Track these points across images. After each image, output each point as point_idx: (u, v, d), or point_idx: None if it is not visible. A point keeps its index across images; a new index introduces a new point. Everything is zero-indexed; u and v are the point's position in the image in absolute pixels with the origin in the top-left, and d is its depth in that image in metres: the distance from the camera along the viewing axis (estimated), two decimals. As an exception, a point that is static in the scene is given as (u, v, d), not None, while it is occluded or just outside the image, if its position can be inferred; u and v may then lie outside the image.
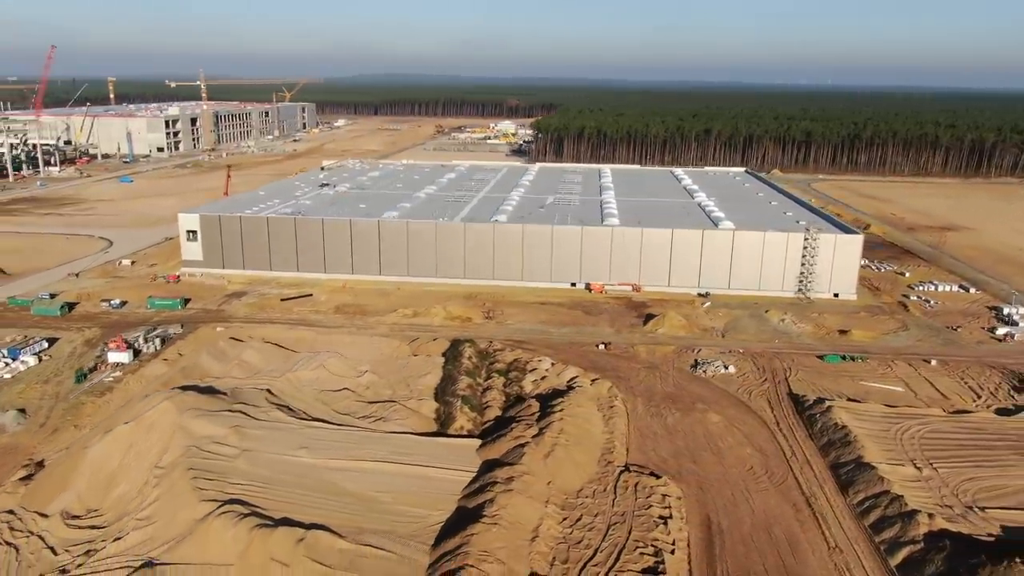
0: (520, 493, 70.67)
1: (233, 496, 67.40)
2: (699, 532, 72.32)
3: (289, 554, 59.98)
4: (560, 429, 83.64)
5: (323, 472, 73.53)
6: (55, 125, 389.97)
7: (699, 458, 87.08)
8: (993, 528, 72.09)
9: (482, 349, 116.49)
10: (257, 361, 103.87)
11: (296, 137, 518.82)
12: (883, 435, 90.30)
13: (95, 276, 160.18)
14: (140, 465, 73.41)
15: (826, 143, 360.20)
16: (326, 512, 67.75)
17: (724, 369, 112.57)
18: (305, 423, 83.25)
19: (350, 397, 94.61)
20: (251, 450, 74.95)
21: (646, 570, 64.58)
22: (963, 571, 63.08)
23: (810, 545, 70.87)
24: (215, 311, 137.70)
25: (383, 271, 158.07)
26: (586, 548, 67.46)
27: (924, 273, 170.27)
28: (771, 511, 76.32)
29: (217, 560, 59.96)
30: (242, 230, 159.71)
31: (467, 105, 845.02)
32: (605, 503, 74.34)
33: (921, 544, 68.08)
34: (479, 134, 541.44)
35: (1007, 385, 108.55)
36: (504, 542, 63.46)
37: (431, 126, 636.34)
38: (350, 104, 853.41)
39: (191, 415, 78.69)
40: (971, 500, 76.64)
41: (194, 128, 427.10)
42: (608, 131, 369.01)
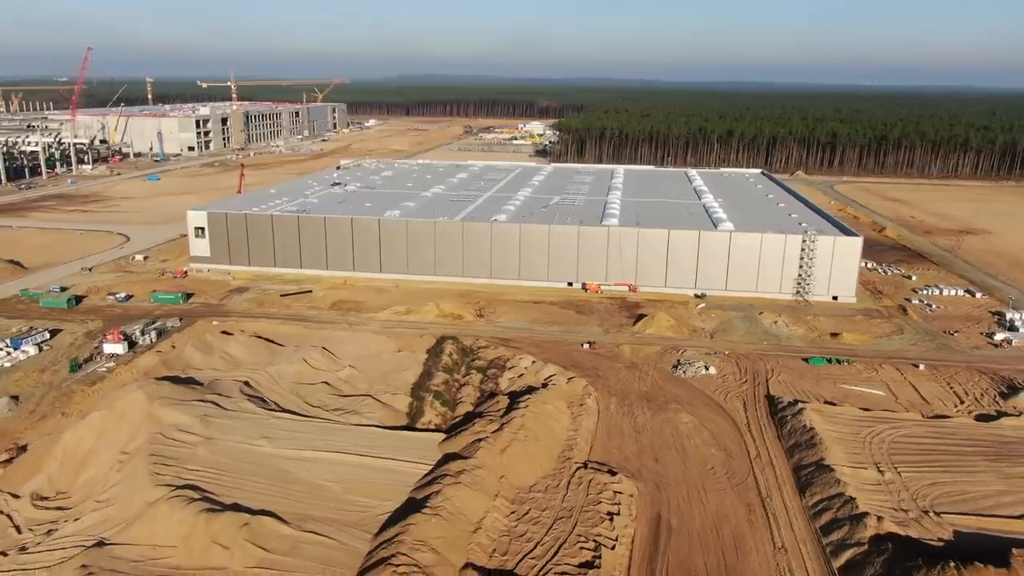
0: (468, 486, 72.02)
1: (188, 482, 69.97)
2: (646, 529, 72.87)
3: (231, 538, 62.20)
4: (520, 425, 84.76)
5: (280, 461, 75.79)
6: (91, 125, 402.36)
7: (662, 457, 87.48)
8: (946, 533, 71.40)
9: (465, 346, 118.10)
10: (241, 354, 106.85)
11: (325, 137, 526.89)
12: (853, 438, 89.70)
13: (107, 271, 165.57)
14: (109, 450, 76.51)
15: (852, 145, 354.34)
16: (276, 499, 69.93)
17: (705, 370, 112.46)
18: (271, 414, 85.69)
19: (325, 390, 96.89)
20: (213, 438, 77.55)
21: (583, 564, 65.41)
22: (899, 574, 62.76)
23: (756, 545, 70.98)
24: (216, 306, 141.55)
25: (383, 269, 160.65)
26: (528, 541, 68.56)
27: (931, 277, 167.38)
28: (723, 511, 76.50)
29: (163, 542, 62.50)
30: (247, 227, 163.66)
31: (499, 105, 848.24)
32: (556, 498, 75.34)
33: (865, 547, 67.80)
34: (506, 135, 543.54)
35: (994, 391, 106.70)
36: (442, 532, 64.89)
37: (460, 126, 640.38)
38: (383, 104, 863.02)
39: (160, 404, 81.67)
40: (929, 504, 75.91)
41: (224, 128, 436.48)
42: (630, 132, 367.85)
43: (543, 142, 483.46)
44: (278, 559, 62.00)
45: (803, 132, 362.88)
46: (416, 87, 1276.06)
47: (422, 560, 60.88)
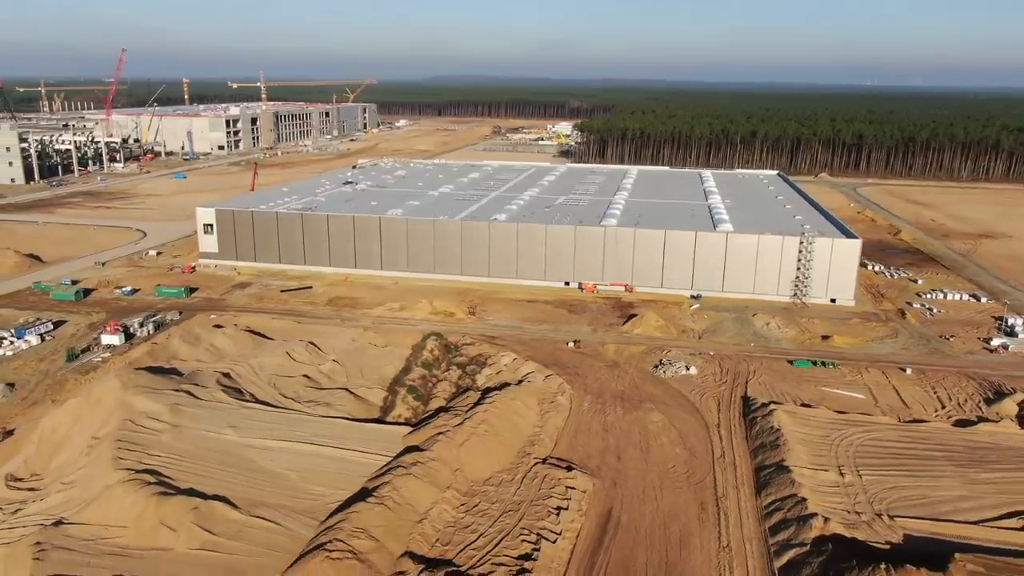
0: (418, 477, 73.57)
1: (149, 467, 72.72)
2: (594, 524, 73.60)
3: (178, 520, 64.67)
4: (482, 420, 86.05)
5: (242, 449, 78.21)
6: (125, 124, 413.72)
7: (625, 455, 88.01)
8: (896, 536, 70.89)
9: (449, 343, 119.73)
10: (227, 346, 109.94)
11: (354, 137, 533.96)
12: (821, 440, 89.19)
13: (120, 265, 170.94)
14: (82, 435, 79.74)
15: (879, 147, 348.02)
16: (232, 485, 72.29)
17: (685, 370, 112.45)
18: (242, 404, 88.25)
19: (302, 383, 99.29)
20: (180, 426, 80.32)
21: (522, 556, 66.46)
22: (832, 574, 62.65)
23: (701, 543, 71.27)
24: (217, 300, 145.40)
25: (384, 266, 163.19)
26: (472, 532, 69.83)
27: (939, 281, 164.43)
28: (675, 509, 76.86)
29: (115, 522, 65.23)
30: (253, 224, 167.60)
31: (530, 106, 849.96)
32: (508, 492, 76.49)
33: (807, 547, 67.71)
34: (533, 135, 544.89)
35: (980, 396, 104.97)
36: (383, 521, 66.51)
37: (489, 127, 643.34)
38: (415, 105, 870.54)
39: (133, 392, 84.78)
40: (885, 508, 75.33)
41: (254, 128, 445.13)
42: (652, 132, 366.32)
43: (569, 143, 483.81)
44: (223, 542, 64.28)
45: (828, 133, 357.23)
46: (451, 88, 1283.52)
47: (358, 546, 62.56)
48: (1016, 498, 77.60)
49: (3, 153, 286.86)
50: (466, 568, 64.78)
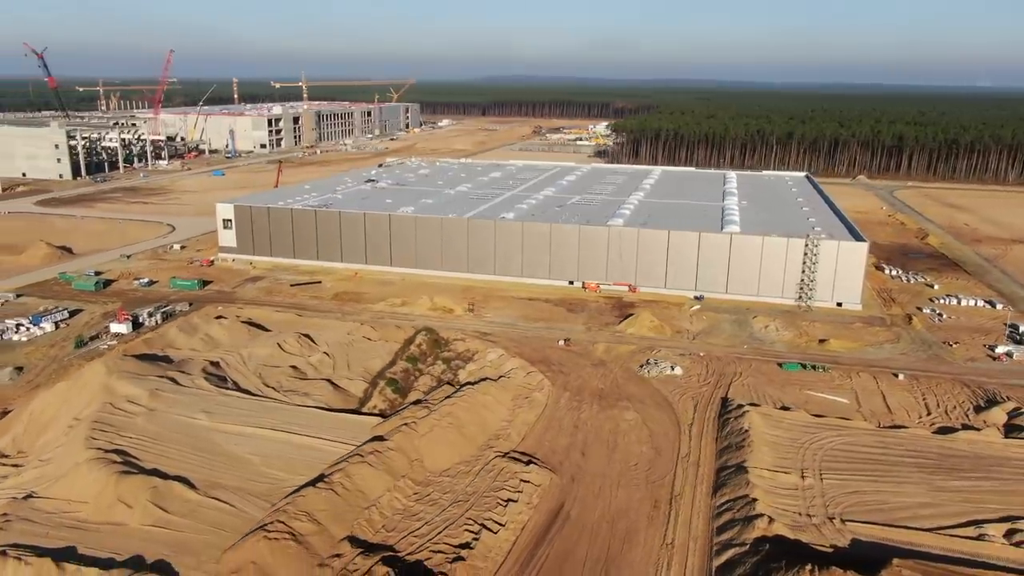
0: (372, 466, 75.75)
1: (119, 447, 76.54)
2: (542, 517, 74.71)
3: (135, 497, 68.11)
4: (448, 412, 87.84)
5: (211, 434, 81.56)
6: (173, 123, 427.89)
7: (590, 452, 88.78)
8: (843, 540, 70.31)
9: (440, 338, 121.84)
10: (221, 336, 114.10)
11: (394, 136, 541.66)
12: (791, 443, 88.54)
13: (144, 258, 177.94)
14: (66, 416, 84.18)
15: (920, 148, 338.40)
16: (194, 467, 75.58)
17: (671, 370, 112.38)
18: (220, 391, 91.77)
19: (288, 373, 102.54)
20: (156, 410, 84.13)
21: (461, 544, 68.01)
22: (761, 574, 62.64)
23: (645, 540, 71.79)
24: (228, 293, 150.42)
25: (393, 263, 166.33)
26: (418, 521, 71.68)
27: (956, 286, 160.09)
28: (628, 506, 77.44)
29: (77, 498, 69.05)
30: (269, 220, 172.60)
31: (574, 106, 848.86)
32: (462, 483, 78.12)
33: (747, 547, 67.70)
34: (573, 135, 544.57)
35: (971, 404, 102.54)
36: (328, 505, 68.85)
37: (530, 127, 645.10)
38: (460, 104, 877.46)
39: (117, 377, 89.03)
40: (839, 511, 74.64)
41: (296, 127, 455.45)
42: (685, 133, 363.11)
43: (606, 143, 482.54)
44: (175, 520, 67.48)
45: (867, 135, 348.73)
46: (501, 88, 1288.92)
47: (299, 528, 65.00)
48: (979, 507, 76.05)
49: (52, 150, 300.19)
50: (404, 554, 66.66)
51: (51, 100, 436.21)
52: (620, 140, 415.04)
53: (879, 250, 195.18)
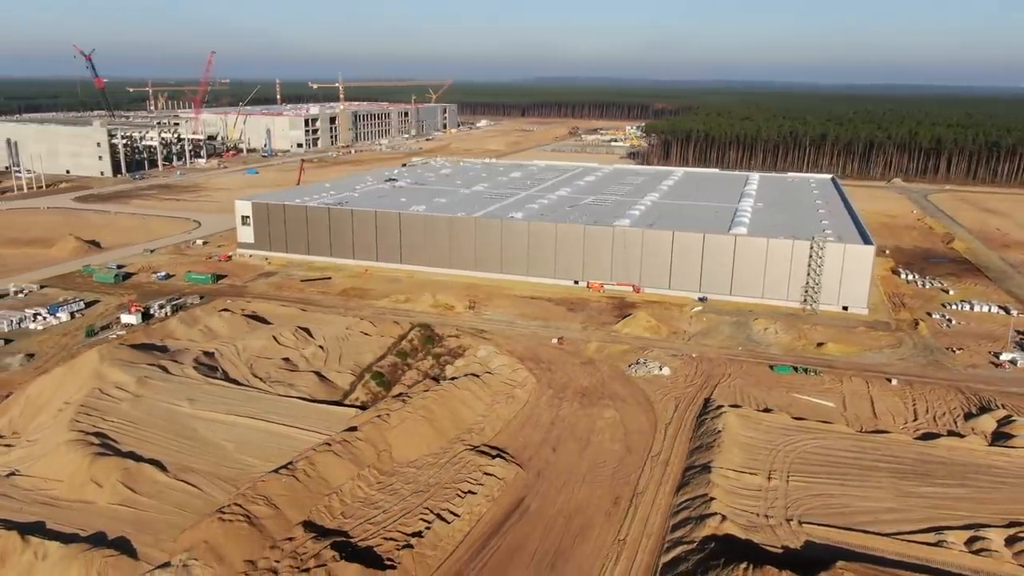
0: (337, 454, 77.97)
1: (100, 430, 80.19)
2: (500, 510, 75.91)
3: (106, 478, 71.45)
4: (422, 406, 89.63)
5: (191, 420, 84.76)
6: (213, 122, 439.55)
7: (562, 448, 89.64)
8: (796, 541, 70.05)
9: (434, 334, 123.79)
10: (220, 328, 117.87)
11: (430, 137, 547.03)
12: (764, 445, 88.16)
13: (166, 253, 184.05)
14: (59, 400, 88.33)
15: (960, 151, 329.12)
16: (169, 451, 78.79)
17: (659, 370, 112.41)
18: (207, 380, 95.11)
19: (278, 365, 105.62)
20: (142, 396, 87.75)
21: (414, 533, 69.68)
22: (700, 571, 62.91)
23: (599, 535, 72.42)
24: (240, 287, 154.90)
25: (403, 260, 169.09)
26: (376, 509, 73.60)
27: (973, 292, 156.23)
28: (588, 502, 78.14)
29: (53, 476, 72.71)
30: (285, 217, 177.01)
31: (614, 107, 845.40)
32: (426, 474, 79.83)
33: (694, 545, 67.97)
34: (608, 136, 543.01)
35: (962, 411, 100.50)
36: (287, 491, 71.20)
37: (566, 128, 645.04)
38: (500, 105, 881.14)
39: (109, 364, 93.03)
40: (799, 514, 74.28)
41: (332, 127, 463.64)
42: (717, 134, 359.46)
43: (640, 144, 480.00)
44: (142, 500, 70.61)
45: (904, 137, 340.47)
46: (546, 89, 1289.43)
47: (255, 511, 67.46)
48: (946, 513, 74.93)
49: (94, 148, 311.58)
50: (357, 540, 68.62)
51: (99, 100, 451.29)
52: (653, 141, 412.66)
53: (901, 254, 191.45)
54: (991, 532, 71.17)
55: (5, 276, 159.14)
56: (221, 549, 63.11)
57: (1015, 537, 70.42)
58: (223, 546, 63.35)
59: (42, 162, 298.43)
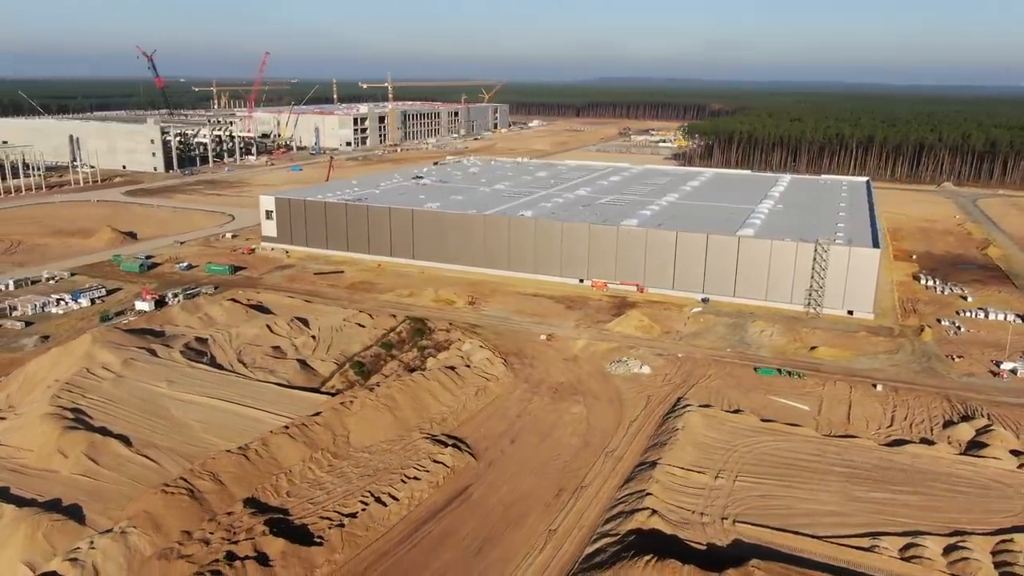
0: (292, 437, 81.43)
1: (77, 406, 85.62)
2: (442, 496, 78.02)
3: (71, 449, 76.48)
4: (386, 394, 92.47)
5: (165, 400, 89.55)
6: (267, 121, 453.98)
7: (520, 440, 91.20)
8: (724, 539, 70.20)
9: (425, 327, 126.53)
10: (219, 316, 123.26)
11: (478, 136, 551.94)
12: (722, 444, 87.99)
13: (195, 245, 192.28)
14: (52, 378, 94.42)
15: (1016, 154, 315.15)
16: (138, 428, 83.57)
17: (639, 369, 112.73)
18: (190, 364, 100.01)
19: (266, 352, 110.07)
20: (124, 377, 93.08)
21: (349, 514, 72.44)
22: (610, 562, 63.78)
23: (532, 525, 73.81)
24: (255, 279, 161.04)
25: (416, 256, 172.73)
26: (321, 490, 76.68)
27: (992, 299, 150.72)
28: (532, 492, 79.55)
29: (25, 446, 78.20)
30: (305, 212, 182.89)
31: (669, 108, 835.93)
32: (378, 460, 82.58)
33: (616, 538, 68.81)
34: (657, 137, 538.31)
35: (943, 419, 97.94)
36: (236, 469, 74.90)
37: (617, 128, 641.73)
38: (554, 105, 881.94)
39: (100, 345, 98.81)
40: (735, 513, 74.22)
41: (381, 126, 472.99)
42: (759, 136, 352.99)
43: (687, 145, 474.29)
44: (102, 471, 75.36)
45: (956, 139, 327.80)
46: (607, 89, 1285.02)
47: (199, 486, 71.34)
48: (889, 520, 73.79)
49: (148, 145, 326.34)
50: (295, 518, 71.79)
51: (160, 99, 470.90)
52: (701, 143, 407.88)
53: (929, 260, 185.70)
54: (930, 540, 69.88)
55: (44, 263, 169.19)
56: (160, 519, 67.06)
57: (954, 546, 69.03)
58: (162, 516, 67.31)
59: (101, 158, 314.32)
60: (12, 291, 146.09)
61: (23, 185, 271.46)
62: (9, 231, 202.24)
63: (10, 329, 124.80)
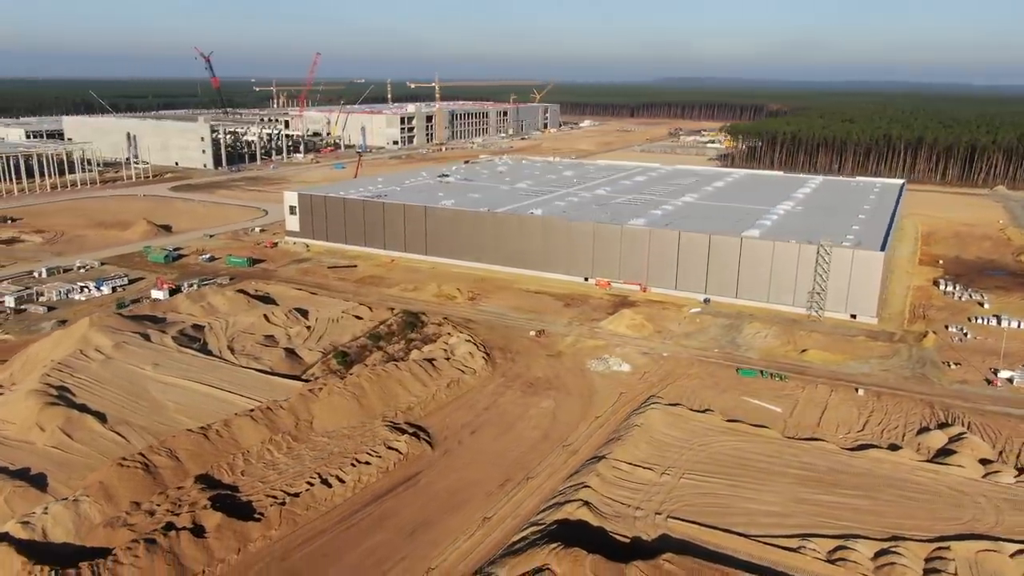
0: (255, 420, 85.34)
1: (64, 384, 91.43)
2: (390, 481, 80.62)
3: (48, 423, 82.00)
4: (354, 383, 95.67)
5: (147, 382, 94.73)
6: (318, 120, 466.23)
7: (481, 432, 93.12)
8: (652, 533, 70.87)
9: (417, 320, 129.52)
10: (221, 305, 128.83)
11: (526, 136, 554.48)
12: (678, 442, 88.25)
13: (224, 238, 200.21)
14: (50, 358, 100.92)
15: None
16: (116, 407, 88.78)
17: (619, 367, 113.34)
18: (179, 349, 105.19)
19: (257, 340, 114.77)
20: (113, 359, 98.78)
21: (294, 493, 75.69)
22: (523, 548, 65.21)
23: (469, 512, 75.59)
24: (271, 271, 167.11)
25: (428, 252, 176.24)
26: (274, 470, 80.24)
27: (1010, 306, 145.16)
28: (478, 481, 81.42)
29: (9, 419, 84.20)
30: (326, 208, 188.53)
31: (727, 108, 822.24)
32: (334, 444, 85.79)
33: (541, 527, 70.23)
34: (707, 138, 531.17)
35: (919, 425, 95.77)
36: (195, 447, 79.10)
37: (667, 128, 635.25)
38: (608, 105, 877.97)
39: (96, 329, 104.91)
40: (671, 509, 74.65)
41: (428, 125, 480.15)
42: (803, 137, 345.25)
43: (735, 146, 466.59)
44: (74, 445, 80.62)
45: (1011, 141, 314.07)
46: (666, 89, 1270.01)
47: (154, 460, 75.74)
48: (828, 522, 73.19)
49: (198, 142, 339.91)
50: (243, 495, 75.46)
51: (218, 99, 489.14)
52: (745, 144, 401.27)
53: (958, 265, 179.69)
54: (863, 544, 69.09)
55: (80, 253, 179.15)
56: (112, 490, 71.59)
57: (886, 551, 68.08)
58: (115, 487, 71.83)
59: (155, 155, 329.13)
60: (44, 278, 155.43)
61: (79, 180, 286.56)
62: (56, 222, 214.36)
63: (33, 313, 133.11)
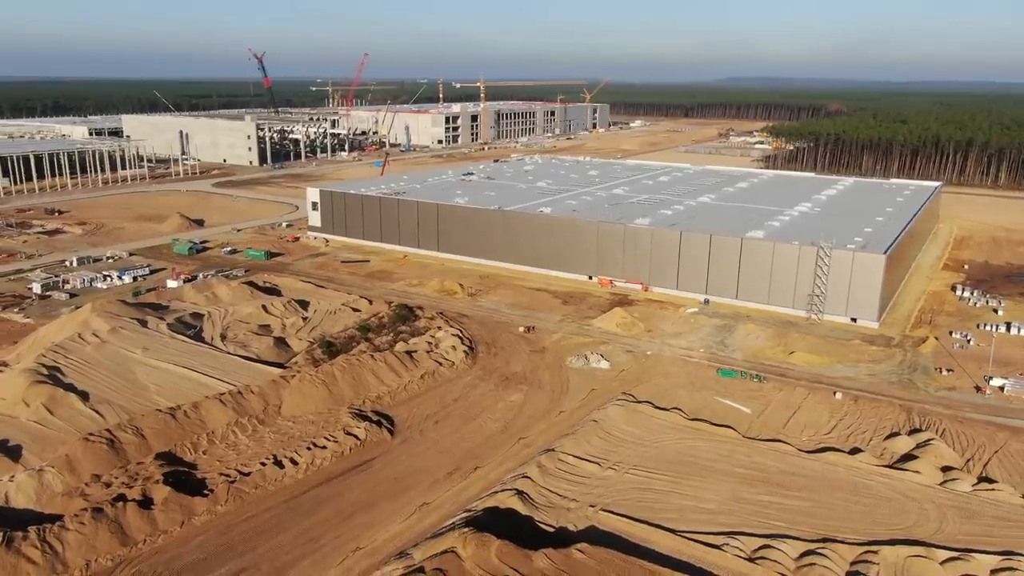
0: (223, 403, 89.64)
1: (56, 364, 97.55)
2: (344, 465, 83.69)
3: (33, 400, 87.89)
4: (326, 371, 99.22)
5: (135, 365, 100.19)
6: (366, 119, 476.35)
7: (444, 422, 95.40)
8: (580, 525, 72.13)
9: (410, 313, 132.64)
10: (224, 295, 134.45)
11: (571, 136, 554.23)
12: (634, 439, 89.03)
13: (250, 232, 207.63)
14: (53, 340, 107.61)
15: None
16: (100, 386, 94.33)
17: (597, 364, 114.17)
18: (171, 335, 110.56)
19: (250, 329, 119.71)
20: (108, 343, 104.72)
21: (246, 472, 79.50)
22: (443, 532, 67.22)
23: (411, 497, 77.88)
24: (286, 264, 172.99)
25: (440, 248, 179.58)
26: (235, 451, 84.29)
27: (1021, 313, 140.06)
28: (425, 470, 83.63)
29: (1, 395, 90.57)
30: (345, 204, 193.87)
31: (783, 109, 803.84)
32: (297, 428, 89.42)
33: (472, 513, 72.15)
34: (756, 138, 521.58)
35: (889, 430, 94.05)
36: (161, 426, 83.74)
37: (716, 129, 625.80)
38: (663, 105, 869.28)
39: (96, 315, 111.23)
40: (604, 503, 75.66)
41: (473, 124, 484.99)
42: (846, 138, 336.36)
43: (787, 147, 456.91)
44: (53, 420, 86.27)
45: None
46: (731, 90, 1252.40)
47: (120, 436, 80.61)
48: (761, 522, 73.20)
49: (245, 140, 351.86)
50: (200, 472, 79.64)
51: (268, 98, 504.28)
52: (791, 145, 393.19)
53: (983, 270, 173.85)
54: (789, 544, 68.91)
55: (114, 244, 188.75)
56: (76, 463, 76.63)
57: (811, 551, 67.77)
58: (79, 460, 76.86)
59: (205, 152, 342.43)
60: (74, 267, 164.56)
61: (129, 176, 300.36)
62: (99, 215, 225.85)
63: (56, 300, 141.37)
